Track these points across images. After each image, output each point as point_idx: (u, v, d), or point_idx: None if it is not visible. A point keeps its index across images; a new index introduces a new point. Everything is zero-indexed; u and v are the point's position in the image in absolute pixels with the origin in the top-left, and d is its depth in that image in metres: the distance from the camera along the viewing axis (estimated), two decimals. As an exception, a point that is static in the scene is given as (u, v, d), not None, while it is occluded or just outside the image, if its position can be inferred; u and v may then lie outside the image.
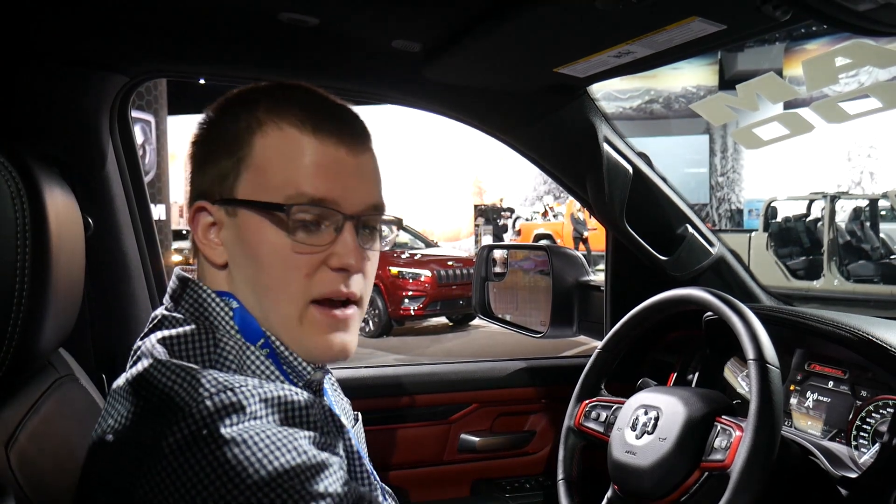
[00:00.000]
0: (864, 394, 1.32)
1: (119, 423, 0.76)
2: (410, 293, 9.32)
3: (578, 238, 16.51)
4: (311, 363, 0.88)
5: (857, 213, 11.47)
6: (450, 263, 9.81)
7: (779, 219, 11.74)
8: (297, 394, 0.78)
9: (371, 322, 9.35)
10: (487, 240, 16.52)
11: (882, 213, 11.59)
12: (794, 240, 11.53)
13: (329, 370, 0.98)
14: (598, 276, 1.95)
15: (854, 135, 18.27)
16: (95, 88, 1.42)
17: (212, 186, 0.87)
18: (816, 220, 11.50)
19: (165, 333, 0.82)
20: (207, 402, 0.72)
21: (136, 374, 0.78)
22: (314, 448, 0.74)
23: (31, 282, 0.83)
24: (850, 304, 9.52)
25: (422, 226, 18.72)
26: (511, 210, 18.52)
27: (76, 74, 1.39)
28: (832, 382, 1.38)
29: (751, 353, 1.14)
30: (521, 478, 1.87)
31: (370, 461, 0.99)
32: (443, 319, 10.34)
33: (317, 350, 0.86)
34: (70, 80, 1.39)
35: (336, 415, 0.88)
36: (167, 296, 0.90)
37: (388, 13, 1.23)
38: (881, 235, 11.33)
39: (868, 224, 11.34)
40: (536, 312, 2.07)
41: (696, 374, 1.57)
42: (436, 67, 1.42)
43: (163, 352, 0.79)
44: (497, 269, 2.27)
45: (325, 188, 0.84)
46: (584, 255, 2.17)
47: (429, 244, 11.77)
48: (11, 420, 0.87)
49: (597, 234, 15.20)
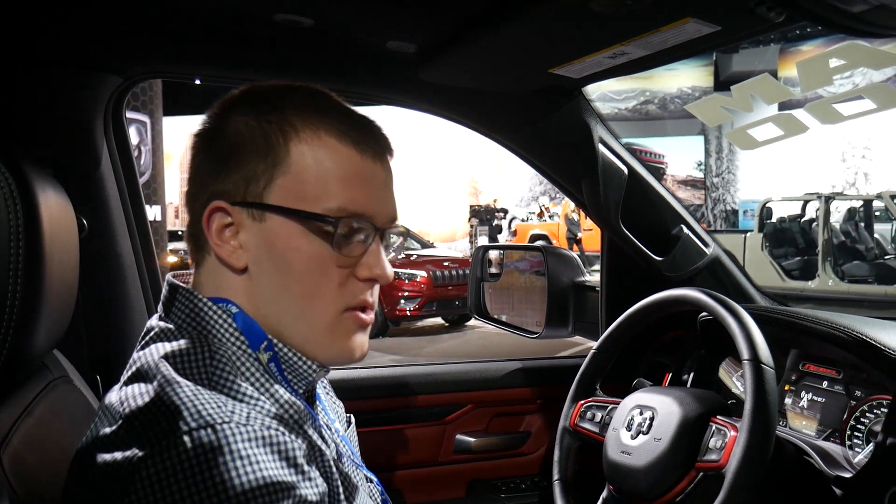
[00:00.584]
0: (859, 394, 1.32)
1: (102, 444, 0.74)
2: (406, 294, 9.32)
3: (572, 239, 16.52)
4: (329, 366, 0.89)
5: (852, 214, 11.50)
6: (445, 264, 9.82)
7: (774, 219, 11.77)
8: (286, 433, 0.75)
9: (367, 323, 9.32)
10: (483, 240, 16.51)
11: (876, 214, 11.61)
12: (789, 240, 11.56)
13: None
14: (594, 277, 1.96)
15: (849, 136, 18.32)
16: (89, 89, 1.42)
17: (235, 187, 0.84)
18: (811, 221, 11.52)
19: (164, 350, 0.80)
20: (185, 438, 0.69)
21: (123, 393, 0.77)
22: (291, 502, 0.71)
23: (25, 283, 0.83)
24: (845, 305, 9.55)
25: (417, 226, 18.74)
26: (504, 211, 18.55)
27: (70, 75, 1.39)
28: (826, 382, 1.39)
29: (745, 354, 1.14)
30: (517, 478, 1.87)
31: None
32: (439, 320, 10.34)
33: (346, 353, 0.87)
34: (64, 81, 1.38)
35: (325, 454, 0.83)
36: (160, 304, 0.88)
37: (383, 14, 1.23)
38: (875, 236, 11.35)
39: (862, 225, 11.36)
40: (532, 313, 2.07)
41: (691, 375, 1.57)
42: (431, 68, 1.42)
43: (158, 370, 0.77)
44: (492, 270, 2.28)
45: (363, 202, 0.84)
46: (579, 256, 2.18)
47: (425, 245, 11.77)
48: (5, 422, 0.86)
49: (591, 235, 15.22)
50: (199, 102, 0.92)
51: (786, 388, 1.45)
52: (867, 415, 1.29)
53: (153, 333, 0.85)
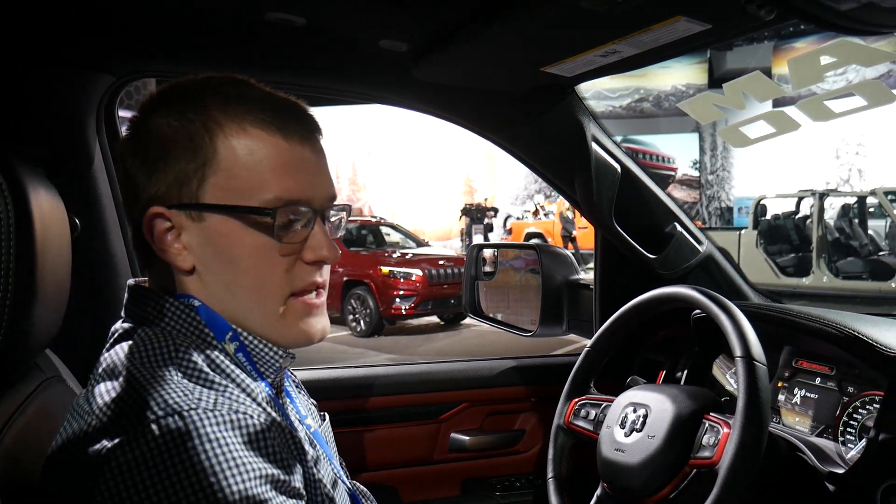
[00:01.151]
0: (851, 390, 1.33)
1: (70, 441, 0.74)
2: (401, 292, 9.31)
3: (567, 237, 16.54)
4: (292, 347, 0.89)
5: (846, 211, 11.54)
6: (441, 263, 9.82)
7: (768, 216, 11.81)
8: (255, 416, 0.75)
9: (362, 321, 9.34)
10: (479, 239, 16.52)
11: (870, 211, 11.67)
12: (784, 237, 11.60)
13: (293, 356, 0.97)
14: (588, 275, 1.96)
15: (843, 132, 18.38)
16: (82, 88, 1.42)
17: (169, 190, 0.83)
18: (805, 218, 11.56)
19: (129, 346, 0.80)
20: (153, 427, 0.69)
21: (91, 391, 0.77)
22: (265, 484, 0.71)
23: (17, 282, 0.83)
24: (839, 301, 9.59)
25: (412, 225, 18.72)
26: (495, 210, 18.58)
27: (62, 74, 1.38)
28: (819, 379, 1.39)
29: (738, 351, 1.14)
30: (511, 476, 1.88)
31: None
32: (434, 319, 10.34)
33: (301, 336, 0.88)
34: (56, 80, 1.38)
35: (297, 437, 0.84)
36: (123, 309, 0.89)
37: (375, 13, 1.23)
38: (869, 232, 11.41)
39: (856, 221, 11.41)
40: (526, 311, 2.07)
41: (685, 372, 1.58)
42: (423, 67, 1.42)
43: (124, 366, 0.77)
44: (487, 269, 2.27)
45: (298, 188, 0.85)
46: (573, 254, 2.18)
47: (420, 243, 11.77)
48: (-3, 422, 0.86)
49: (586, 233, 15.24)
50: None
51: (779, 385, 1.46)
52: (860, 411, 1.30)
53: (117, 335, 0.86)
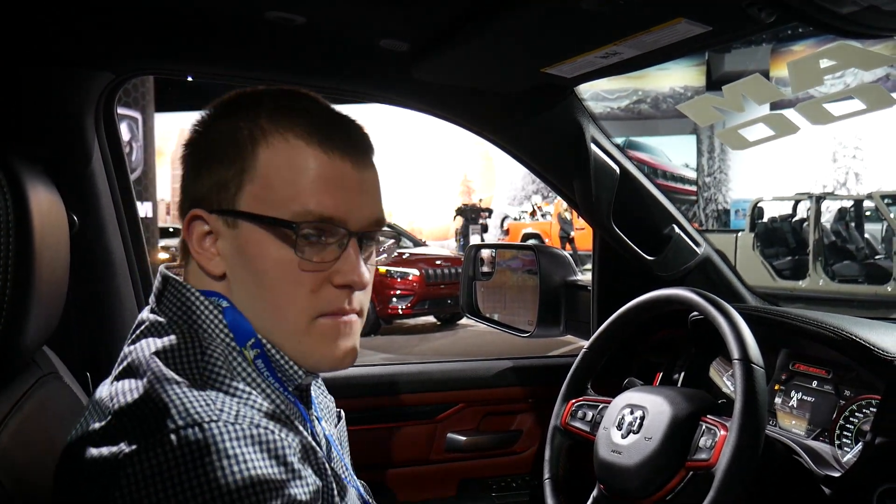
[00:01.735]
0: (848, 393, 1.33)
1: (90, 439, 0.74)
2: (398, 292, 9.31)
3: (565, 238, 16.55)
4: (315, 371, 0.87)
5: (843, 214, 11.57)
6: (438, 262, 9.81)
7: (765, 219, 11.82)
8: (275, 431, 0.74)
9: (359, 321, 9.31)
10: (475, 239, 16.53)
11: (867, 214, 11.69)
12: (780, 240, 11.61)
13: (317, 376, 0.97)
14: (585, 276, 1.96)
15: (840, 136, 18.42)
16: (81, 86, 1.41)
17: (209, 195, 0.84)
18: (802, 221, 11.58)
19: (155, 345, 0.80)
20: (172, 437, 0.69)
21: (113, 387, 0.77)
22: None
23: (15, 279, 0.82)
24: (835, 304, 9.60)
25: (410, 225, 18.72)
26: (490, 210, 18.62)
27: (61, 72, 1.38)
28: (816, 382, 1.39)
29: (736, 353, 1.14)
30: (508, 477, 1.88)
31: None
32: (431, 318, 10.34)
33: (325, 360, 0.85)
34: (55, 78, 1.38)
35: (316, 449, 0.82)
36: (152, 296, 0.88)
37: (376, 12, 1.22)
38: (866, 236, 11.43)
39: (853, 225, 11.43)
40: (524, 312, 2.07)
41: (682, 374, 1.58)
42: (423, 67, 1.42)
43: (148, 365, 0.77)
44: (485, 269, 2.27)
45: (332, 205, 0.82)
46: (571, 255, 2.18)
47: (417, 243, 11.76)
48: (-6, 419, 0.86)
49: (584, 234, 15.26)
50: (191, 99, 0.92)
51: (776, 388, 1.46)
52: (856, 414, 1.30)
53: (144, 327, 0.84)
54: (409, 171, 22.76)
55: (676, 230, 1.75)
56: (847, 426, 1.31)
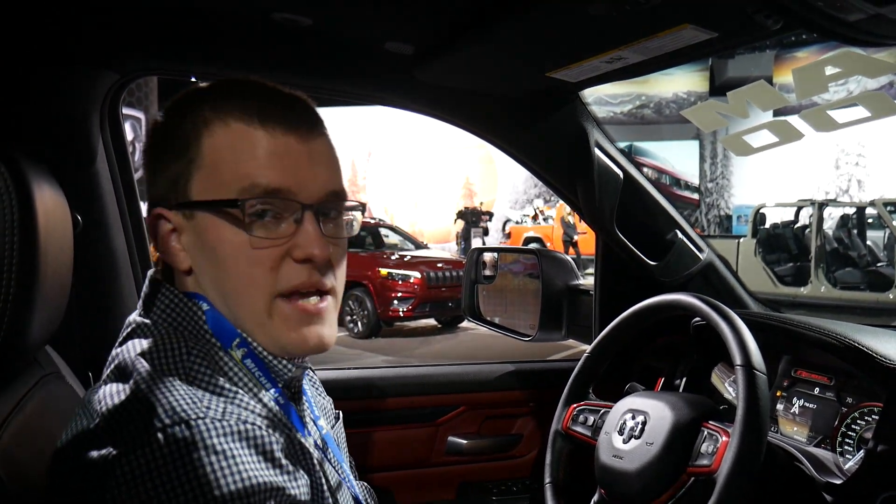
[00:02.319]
0: (850, 400, 1.33)
1: (80, 441, 0.74)
2: (400, 294, 9.30)
3: (568, 242, 16.55)
4: (289, 359, 0.87)
5: (845, 221, 11.55)
6: (439, 265, 9.81)
7: (767, 225, 11.81)
8: (262, 427, 0.74)
9: (360, 323, 9.33)
10: (477, 242, 16.53)
11: (869, 221, 11.68)
12: (782, 246, 11.60)
13: (309, 367, 0.97)
14: (588, 280, 1.96)
15: (842, 143, 18.41)
16: (86, 85, 1.42)
17: (167, 192, 0.85)
18: (804, 227, 11.57)
19: (141, 346, 0.80)
20: (159, 435, 0.69)
21: (104, 394, 0.77)
22: (270, 499, 0.71)
23: (19, 278, 0.83)
24: (837, 311, 9.59)
25: (412, 227, 18.72)
26: (490, 214, 18.64)
27: (66, 71, 1.38)
28: (818, 389, 1.39)
29: (738, 359, 1.14)
30: (508, 481, 1.87)
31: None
32: (432, 321, 10.33)
33: (291, 345, 0.84)
34: (61, 78, 1.38)
35: (306, 445, 0.83)
36: (140, 300, 0.89)
37: (382, 15, 1.23)
38: (868, 243, 11.41)
39: (855, 232, 11.42)
40: (525, 316, 2.07)
41: (684, 380, 1.58)
42: (428, 70, 1.42)
43: (135, 367, 0.77)
44: (487, 272, 2.27)
45: (278, 178, 0.82)
46: (574, 259, 2.18)
47: (418, 246, 11.77)
48: (-4, 418, 0.86)
49: (586, 238, 15.26)
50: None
51: (777, 394, 1.46)
52: (858, 422, 1.30)
53: (131, 329, 0.85)
54: (411, 174, 22.78)
55: (679, 235, 1.75)
56: (849, 433, 1.31)
